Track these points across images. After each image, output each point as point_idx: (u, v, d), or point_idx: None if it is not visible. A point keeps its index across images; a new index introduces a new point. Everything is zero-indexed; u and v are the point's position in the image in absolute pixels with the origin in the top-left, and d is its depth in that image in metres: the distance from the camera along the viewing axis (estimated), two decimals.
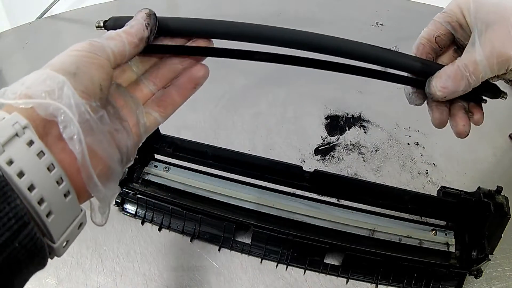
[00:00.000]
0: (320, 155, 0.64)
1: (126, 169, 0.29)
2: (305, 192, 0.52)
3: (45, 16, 1.00)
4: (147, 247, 0.51)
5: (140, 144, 0.30)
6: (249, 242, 0.51)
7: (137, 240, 0.51)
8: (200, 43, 0.33)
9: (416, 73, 0.34)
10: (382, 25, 0.96)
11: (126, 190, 0.52)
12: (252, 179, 0.52)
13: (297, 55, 0.33)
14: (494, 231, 0.44)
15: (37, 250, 0.21)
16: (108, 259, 0.50)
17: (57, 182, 0.22)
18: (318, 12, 1.01)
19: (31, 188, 0.21)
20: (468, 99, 0.35)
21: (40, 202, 0.21)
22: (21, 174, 0.20)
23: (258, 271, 0.49)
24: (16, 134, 0.21)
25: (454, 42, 0.36)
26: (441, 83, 0.32)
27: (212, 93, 0.74)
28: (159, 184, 0.52)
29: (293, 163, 0.49)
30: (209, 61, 0.33)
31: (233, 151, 0.50)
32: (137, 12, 0.31)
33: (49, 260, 0.29)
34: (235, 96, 0.74)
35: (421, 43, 0.36)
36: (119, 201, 0.53)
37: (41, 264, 0.22)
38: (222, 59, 0.33)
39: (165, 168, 0.53)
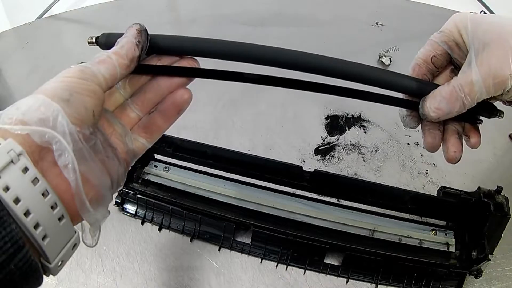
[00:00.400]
0: (320, 155, 0.64)
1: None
2: (305, 192, 0.52)
3: (45, 16, 1.00)
4: (147, 247, 0.51)
5: (129, 169, 0.31)
6: (249, 242, 0.51)
7: (137, 240, 0.51)
8: (184, 63, 0.33)
9: (410, 94, 0.33)
10: (382, 25, 0.96)
11: (126, 190, 0.52)
12: (252, 179, 0.52)
13: (288, 75, 0.32)
14: (494, 231, 0.44)
15: (31, 271, 0.22)
16: (108, 259, 0.50)
17: (52, 207, 0.23)
18: (318, 12, 1.01)
19: (27, 213, 0.22)
20: (463, 120, 0.34)
21: (36, 226, 0.22)
22: (17, 200, 0.21)
23: (258, 271, 0.49)
24: (12, 161, 0.21)
25: (451, 62, 0.35)
26: (435, 104, 0.31)
27: (212, 93, 0.74)
28: (159, 184, 0.52)
29: (293, 163, 0.49)
30: (209, 61, 0.33)
31: (233, 151, 0.50)
32: (128, 28, 0.30)
33: None
34: (235, 96, 0.74)
35: (417, 63, 0.35)
36: (119, 201, 0.53)
37: (36, 284, 0.23)
38: (222, 59, 0.33)
39: (165, 168, 0.53)
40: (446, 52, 0.34)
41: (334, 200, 0.53)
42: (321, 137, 0.67)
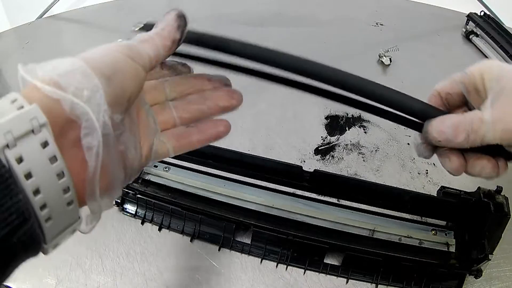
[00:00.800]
0: (320, 155, 0.64)
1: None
2: (305, 192, 0.52)
3: (45, 16, 1.00)
4: (147, 247, 0.51)
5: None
6: (249, 242, 0.51)
7: (137, 240, 0.51)
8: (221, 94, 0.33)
9: (422, 117, 0.32)
10: (382, 25, 0.96)
11: (126, 190, 0.52)
12: (252, 179, 0.52)
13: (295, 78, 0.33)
14: (494, 231, 0.44)
15: (33, 245, 0.20)
16: (108, 259, 0.50)
17: (64, 191, 0.21)
18: (318, 12, 1.01)
19: (36, 192, 0.20)
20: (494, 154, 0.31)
21: (42, 207, 0.20)
22: (28, 176, 0.19)
23: (258, 271, 0.49)
24: (32, 131, 0.19)
25: (466, 104, 0.34)
26: (442, 126, 0.30)
27: None
28: (159, 184, 0.52)
29: (293, 163, 0.49)
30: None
31: (233, 151, 0.50)
32: (165, 14, 0.29)
33: (49, 260, 0.29)
34: None
35: (433, 95, 0.35)
36: (119, 201, 0.53)
37: (34, 255, 0.21)
38: (222, 59, 0.33)
39: (165, 168, 0.53)
40: (462, 94, 0.33)
41: (334, 200, 0.53)
42: (321, 137, 0.67)
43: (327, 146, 0.65)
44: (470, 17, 0.92)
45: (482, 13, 0.91)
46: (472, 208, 0.46)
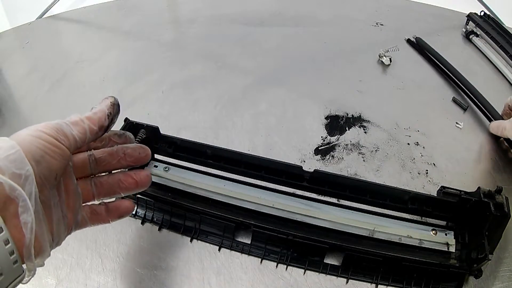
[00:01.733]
0: (320, 155, 0.64)
1: None
2: (305, 192, 0.52)
3: (45, 16, 1.00)
4: (147, 247, 0.51)
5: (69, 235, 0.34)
6: (249, 242, 0.51)
7: (137, 240, 0.51)
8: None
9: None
10: (382, 25, 0.96)
11: None
12: (252, 179, 0.52)
13: None
14: (494, 231, 0.44)
15: None
16: (108, 259, 0.50)
17: (10, 253, 0.26)
18: (318, 12, 1.01)
19: None
20: None
21: None
22: None
23: (258, 271, 0.49)
24: None
25: None
26: (492, 126, 0.67)
27: (212, 93, 0.74)
28: (159, 184, 0.52)
29: (293, 163, 0.49)
30: (209, 61, 0.33)
31: (233, 151, 0.50)
32: (103, 98, 0.33)
33: (49, 259, 0.30)
34: (235, 96, 0.74)
35: (505, 103, 0.65)
36: None
37: None
38: (222, 59, 0.33)
39: (165, 168, 0.53)
40: None
41: (334, 200, 0.53)
42: (321, 137, 0.67)
43: (327, 146, 0.65)
44: (470, 17, 0.92)
45: (482, 13, 0.91)
46: (472, 208, 0.46)
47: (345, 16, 0.99)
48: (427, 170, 0.62)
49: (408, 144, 0.66)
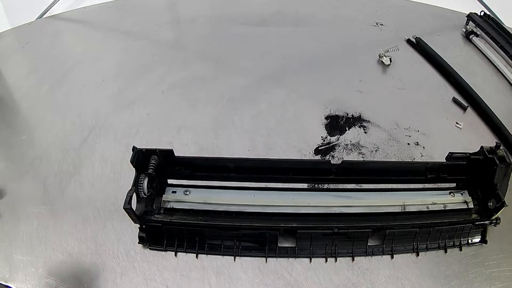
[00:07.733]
0: (320, 155, 0.64)
1: None
2: (330, 185, 0.54)
3: (45, 16, 1.00)
4: (147, 247, 0.51)
5: None
6: (294, 245, 0.50)
7: (137, 240, 0.51)
8: None
9: None
10: (382, 25, 0.96)
11: (151, 224, 0.49)
12: (277, 183, 0.52)
13: None
14: (502, 180, 0.49)
15: None
16: (108, 259, 0.50)
17: None
18: (318, 12, 1.01)
19: None
20: None
21: None
22: None
23: (258, 271, 0.49)
24: None
25: None
26: None
27: (212, 93, 0.74)
28: (185, 210, 0.50)
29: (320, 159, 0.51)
30: (209, 61, 0.33)
31: (257, 159, 0.51)
32: None
33: (49, 259, 0.29)
34: (235, 96, 0.74)
35: None
36: (143, 236, 0.50)
37: None
38: (222, 59, 0.33)
39: (186, 191, 0.51)
40: None
41: (357, 187, 0.55)
42: (321, 137, 0.67)
43: (327, 146, 0.65)
44: (470, 17, 0.92)
45: (482, 13, 0.91)
46: (480, 166, 0.51)
47: (345, 16, 0.99)
48: None
49: (408, 144, 0.66)
